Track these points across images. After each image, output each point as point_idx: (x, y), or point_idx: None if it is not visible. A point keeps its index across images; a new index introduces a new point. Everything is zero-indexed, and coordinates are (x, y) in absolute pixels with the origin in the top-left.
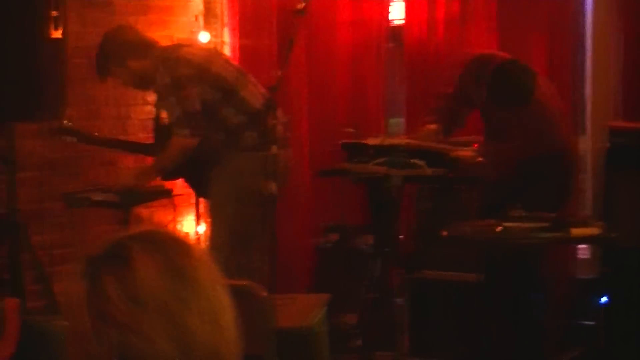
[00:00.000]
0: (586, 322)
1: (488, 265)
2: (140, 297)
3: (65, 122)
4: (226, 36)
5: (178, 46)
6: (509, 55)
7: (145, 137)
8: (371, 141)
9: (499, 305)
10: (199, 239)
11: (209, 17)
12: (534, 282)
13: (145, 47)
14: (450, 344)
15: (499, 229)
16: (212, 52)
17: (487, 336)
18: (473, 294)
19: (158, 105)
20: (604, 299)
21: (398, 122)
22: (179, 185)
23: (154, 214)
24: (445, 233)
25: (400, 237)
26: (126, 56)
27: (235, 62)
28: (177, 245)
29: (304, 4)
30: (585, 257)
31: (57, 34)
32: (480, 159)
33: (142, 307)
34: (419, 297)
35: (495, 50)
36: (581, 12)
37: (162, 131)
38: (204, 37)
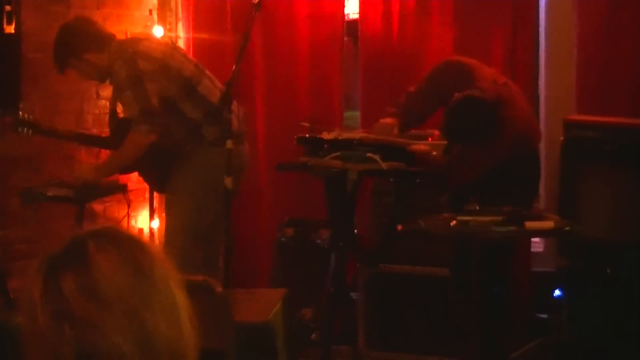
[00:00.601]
0: (541, 315)
1: (453, 259)
2: (98, 293)
3: (21, 114)
4: (180, 30)
5: (136, 40)
6: (471, 63)
7: (100, 131)
8: (326, 135)
9: (462, 298)
10: (152, 234)
11: (164, 11)
12: (494, 275)
13: (103, 40)
14: (408, 338)
15: (453, 222)
16: (170, 47)
17: (445, 330)
18: (433, 287)
19: (114, 99)
20: (558, 292)
21: (353, 115)
22: (134, 180)
23: (108, 209)
24: (400, 227)
25: (356, 231)
26: (84, 49)
27: (191, 56)
28: (134, 242)
29: None
30: (539, 250)
31: (11, 28)
32: (436, 152)
33: (99, 303)
34: (377, 291)
35: (453, 51)
36: (536, 6)
37: (118, 125)
38: (158, 31)
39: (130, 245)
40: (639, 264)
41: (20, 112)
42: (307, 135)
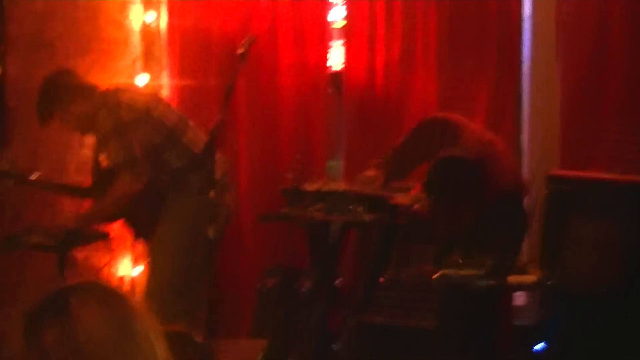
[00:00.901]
0: None
1: (439, 311)
2: (79, 349)
3: (2, 164)
4: (165, 79)
5: (119, 91)
6: (457, 120)
7: (83, 179)
8: (309, 187)
9: (443, 351)
10: (134, 282)
11: (148, 59)
12: (477, 328)
13: (86, 91)
14: None
15: (436, 275)
16: (153, 98)
17: None
18: (416, 340)
19: (98, 149)
20: (539, 345)
21: (336, 165)
22: (116, 228)
23: (90, 257)
24: (382, 279)
25: (339, 281)
26: (67, 101)
27: (175, 105)
28: (115, 296)
29: (244, 49)
30: (522, 304)
31: None
32: (418, 206)
33: (81, 357)
34: (361, 341)
35: (437, 102)
36: (520, 59)
37: (101, 175)
38: (142, 79)
39: (111, 299)
40: (620, 315)
41: (3, 163)
42: (290, 187)
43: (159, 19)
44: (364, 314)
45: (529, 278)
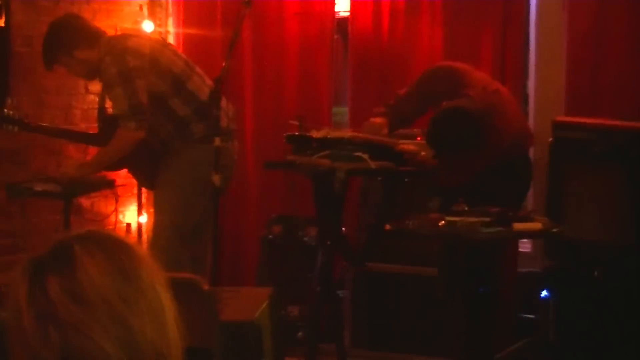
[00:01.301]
0: (528, 316)
1: (440, 259)
2: (83, 296)
3: (6, 110)
4: (170, 26)
5: (126, 36)
6: (462, 69)
7: (88, 126)
8: (315, 134)
9: (447, 299)
10: (140, 229)
11: (154, 6)
12: (484, 275)
13: (93, 36)
14: (394, 337)
15: (442, 223)
16: (160, 43)
17: (432, 328)
18: (420, 287)
19: (103, 95)
20: (544, 293)
21: (342, 111)
22: (122, 176)
23: (96, 204)
24: (388, 227)
25: (344, 229)
26: (73, 46)
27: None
28: (120, 245)
29: None
30: (527, 250)
31: (1, 22)
32: (424, 152)
33: (85, 306)
34: (363, 289)
35: (441, 54)
36: (526, 6)
37: (107, 121)
38: (148, 26)
39: (116, 248)
40: (626, 265)
41: (6, 110)
42: (296, 134)
43: None
44: (369, 262)
45: (535, 225)
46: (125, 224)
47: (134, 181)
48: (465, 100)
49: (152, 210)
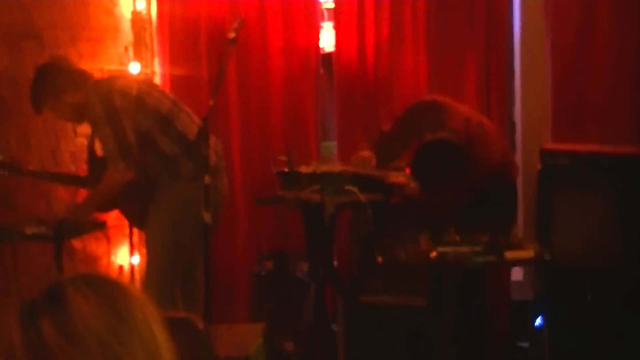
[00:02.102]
0: (522, 344)
1: (429, 289)
2: (77, 336)
3: None
4: (157, 66)
5: (112, 78)
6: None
7: (77, 168)
8: (304, 169)
9: (439, 329)
10: (133, 270)
11: (139, 47)
12: (473, 305)
13: (79, 79)
14: None
15: (434, 254)
16: (147, 84)
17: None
18: (412, 319)
19: (93, 137)
20: (538, 321)
21: (330, 145)
22: (113, 217)
23: (88, 246)
24: (380, 259)
25: (335, 262)
26: (60, 89)
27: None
28: (111, 285)
29: (234, 34)
30: (518, 279)
31: None
32: (413, 184)
33: (79, 346)
34: (356, 322)
35: (426, 84)
36: (509, 34)
37: (96, 163)
38: (134, 67)
39: (109, 288)
40: (617, 288)
41: None
42: (285, 170)
43: (150, 5)
44: (360, 294)
45: (526, 253)
46: (117, 265)
47: (126, 222)
48: (447, 132)
49: (144, 250)
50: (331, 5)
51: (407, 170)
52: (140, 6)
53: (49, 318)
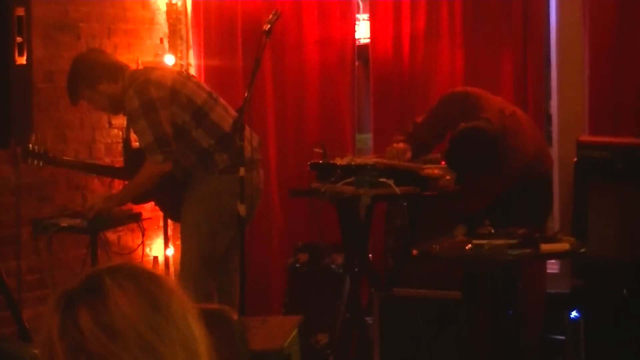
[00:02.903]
0: (557, 337)
1: (464, 282)
2: (113, 327)
3: (31, 146)
4: (192, 58)
5: (148, 69)
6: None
7: (112, 160)
8: (339, 161)
9: (474, 322)
10: (167, 262)
11: (174, 39)
12: (509, 298)
13: (116, 70)
14: None
15: (469, 246)
16: (182, 75)
17: (460, 352)
18: (447, 311)
19: (128, 128)
20: (574, 313)
21: (366, 138)
22: (148, 209)
23: (122, 238)
24: (415, 252)
25: (371, 255)
26: (97, 80)
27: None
28: (150, 276)
29: (269, 25)
30: (554, 271)
31: (22, 59)
32: (449, 177)
33: (115, 337)
34: (390, 314)
35: (462, 77)
36: (546, 26)
37: (132, 154)
38: (169, 59)
39: (146, 279)
40: None
41: (30, 145)
42: (320, 162)
43: None
44: (395, 287)
45: (562, 246)
46: (152, 257)
47: (160, 214)
48: (482, 121)
49: (179, 242)
50: None
51: (443, 163)
52: None
53: (86, 307)
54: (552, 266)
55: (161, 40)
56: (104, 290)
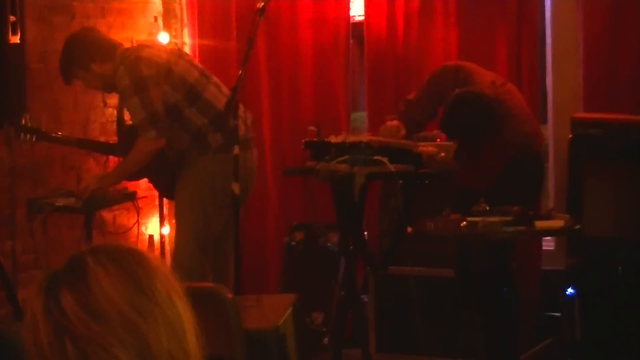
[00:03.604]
0: (552, 314)
1: (459, 260)
2: (97, 309)
3: (23, 121)
4: (186, 37)
5: (139, 47)
6: (469, 67)
7: (107, 139)
8: (333, 139)
9: (469, 300)
10: (163, 240)
11: (169, 18)
12: (504, 275)
13: (108, 49)
14: (418, 340)
15: (464, 224)
16: (175, 53)
17: (456, 330)
18: (442, 289)
19: (121, 107)
20: (569, 290)
21: (360, 116)
22: (143, 188)
23: (118, 218)
24: (410, 229)
25: (366, 234)
26: (90, 59)
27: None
28: (132, 255)
29: (263, 3)
30: (550, 248)
31: (16, 39)
32: (443, 154)
33: (99, 319)
34: (386, 293)
35: (456, 55)
36: (540, 5)
37: (125, 132)
38: (163, 38)
39: (129, 259)
40: None
41: (23, 120)
42: (314, 140)
43: None
44: (390, 266)
45: (556, 223)
46: (147, 236)
47: (156, 193)
48: (476, 87)
49: (174, 221)
50: None
51: (438, 140)
52: None
53: (69, 289)
54: (548, 244)
55: (155, 18)
56: (86, 272)
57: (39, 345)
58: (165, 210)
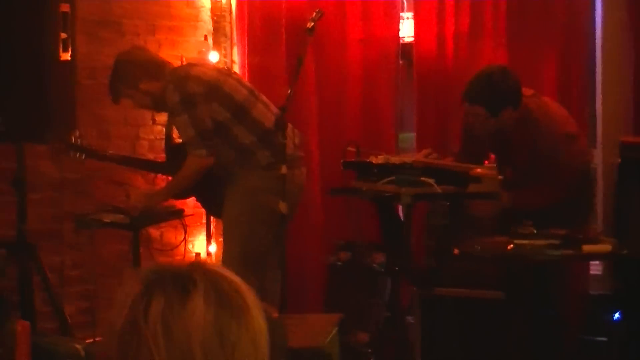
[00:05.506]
0: (599, 339)
1: (504, 282)
2: (174, 331)
3: (73, 138)
4: (235, 55)
5: (189, 65)
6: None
7: (155, 157)
8: (374, 160)
9: (514, 322)
10: (210, 258)
11: (218, 36)
12: (549, 298)
13: (158, 68)
14: None
15: (510, 246)
16: (223, 72)
17: (500, 353)
18: (487, 311)
19: (170, 124)
20: (616, 315)
21: (408, 137)
22: (190, 205)
23: (165, 235)
24: (456, 251)
25: (412, 255)
26: (139, 78)
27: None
28: (236, 301)
29: (312, 23)
30: (597, 273)
31: (66, 55)
32: (500, 176)
33: (169, 341)
34: (431, 314)
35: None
36: (591, 26)
37: (173, 150)
38: (213, 56)
39: (232, 303)
40: None
41: (72, 137)
42: (352, 160)
43: None
44: (436, 287)
45: (604, 247)
46: (194, 254)
47: (203, 210)
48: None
49: (221, 239)
50: None
51: (486, 162)
52: None
53: (164, 299)
54: (595, 267)
55: (205, 37)
56: (189, 292)
57: (113, 324)
58: (212, 228)
